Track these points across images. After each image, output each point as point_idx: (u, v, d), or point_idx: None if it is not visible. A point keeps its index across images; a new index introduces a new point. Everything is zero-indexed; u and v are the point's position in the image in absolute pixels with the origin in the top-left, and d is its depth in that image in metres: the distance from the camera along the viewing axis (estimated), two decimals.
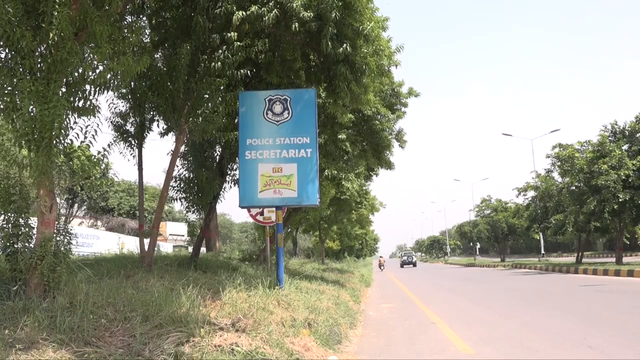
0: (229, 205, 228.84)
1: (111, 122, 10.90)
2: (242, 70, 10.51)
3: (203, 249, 19.04)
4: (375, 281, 31.65)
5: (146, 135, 11.04)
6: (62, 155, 6.79)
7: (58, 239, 6.64)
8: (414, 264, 73.81)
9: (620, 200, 26.38)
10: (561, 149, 31.11)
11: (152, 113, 10.84)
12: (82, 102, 6.92)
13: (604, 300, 13.91)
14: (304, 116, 10.70)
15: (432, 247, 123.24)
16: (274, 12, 9.70)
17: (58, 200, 7.87)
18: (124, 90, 10.23)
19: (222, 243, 41.49)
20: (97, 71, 7.04)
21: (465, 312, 12.81)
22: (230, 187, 14.10)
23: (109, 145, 8.99)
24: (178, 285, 7.77)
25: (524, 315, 11.46)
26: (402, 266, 72.56)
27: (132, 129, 10.89)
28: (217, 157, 13.72)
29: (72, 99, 6.72)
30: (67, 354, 4.93)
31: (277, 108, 10.67)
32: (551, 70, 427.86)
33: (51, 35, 6.14)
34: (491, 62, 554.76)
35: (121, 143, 10.72)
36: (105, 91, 7.33)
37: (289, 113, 10.66)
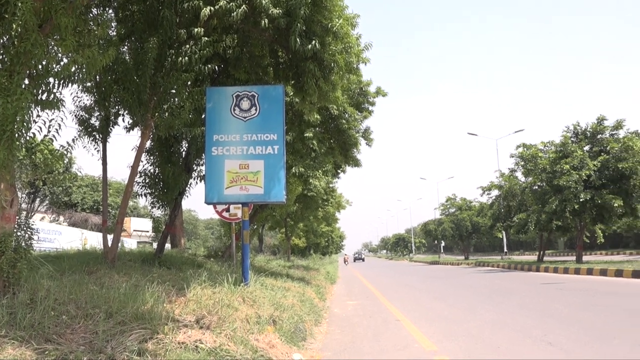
0: (195, 202, 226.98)
1: (75, 116, 10.71)
2: (209, 66, 10.44)
3: (168, 246, 18.88)
4: (341, 278, 31.77)
5: (111, 129, 10.87)
6: (24, 149, 6.68)
7: (19, 234, 6.51)
8: (363, 259, 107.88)
9: (581, 200, 26.92)
10: (525, 149, 31.66)
11: (117, 107, 10.68)
12: (45, 95, 6.79)
13: (564, 297, 14.19)
14: (272, 113, 10.69)
15: (398, 245, 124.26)
16: (242, 7, 9.66)
17: (19, 194, 7.71)
18: (89, 84, 10.06)
19: (188, 239, 41.18)
20: (62, 64, 6.91)
21: (429, 309, 12.94)
22: (196, 183, 14.01)
23: (73, 140, 8.86)
24: (142, 282, 7.69)
25: (487, 313, 11.63)
26: (354, 260, 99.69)
27: (96, 123, 10.72)
28: (184, 152, 13.61)
29: (35, 91, 6.59)
30: (27, 351, 4.85)
31: (245, 104, 10.64)
32: (516, 70, 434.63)
33: (14, 26, 6.01)
34: (458, 61, 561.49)
35: (85, 137, 10.54)
36: (70, 84, 7.20)
37: (256, 109, 10.63)
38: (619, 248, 59.44)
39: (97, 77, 9.99)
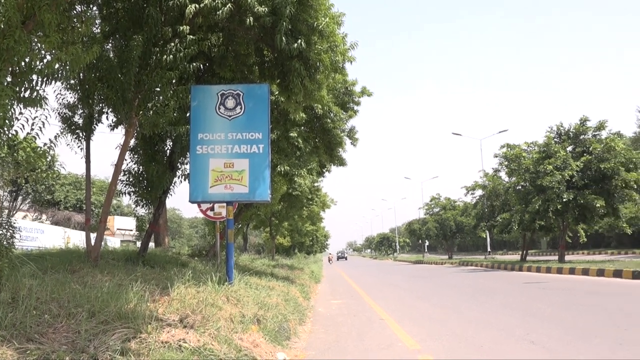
0: (179, 200, 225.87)
1: (59, 113, 10.63)
2: (194, 64, 10.40)
3: (152, 244, 18.79)
4: (325, 277, 31.80)
5: (95, 127, 10.80)
6: (6, 147, 6.61)
7: (0, 232, 6.45)
8: (345, 258, 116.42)
9: (564, 200, 27.14)
10: (509, 149, 31.85)
11: (101, 105, 10.61)
12: (28, 92, 6.74)
13: (547, 297, 14.31)
14: (257, 112, 10.67)
15: (382, 245, 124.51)
16: (228, 5, 9.63)
17: (1, 192, 7.64)
18: (72, 81, 9.98)
19: (172, 238, 41.03)
20: (45, 61, 6.86)
21: (413, 309, 12.99)
22: (181, 181, 13.94)
23: (55, 137, 8.79)
24: (125, 281, 7.66)
25: (470, 312, 11.70)
26: (337, 259, 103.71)
27: (80, 121, 10.64)
28: (168, 151, 13.54)
29: (18, 88, 6.53)
30: (8, 350, 4.80)
31: (230, 103, 10.61)
32: (500, 71, 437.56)
33: None
34: (443, 61, 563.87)
35: (69, 135, 10.46)
36: (53, 82, 7.14)
37: (241, 108, 10.61)
38: (600, 248, 60.03)
39: (81, 74, 9.91)
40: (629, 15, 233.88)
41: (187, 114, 11.70)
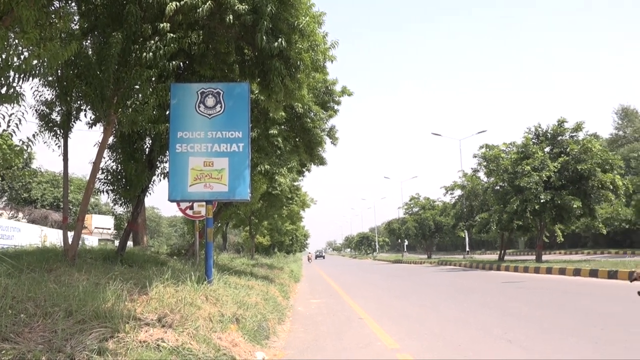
0: (158, 199, 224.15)
1: (36, 110, 10.49)
2: (174, 62, 10.32)
3: (130, 243, 18.63)
4: (305, 276, 31.81)
5: (73, 125, 10.68)
6: None
7: None
8: (323, 257, 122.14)
9: (541, 200, 27.44)
10: (487, 150, 32.14)
11: (79, 102, 10.49)
12: (5, 89, 6.65)
13: (524, 296, 14.46)
14: (237, 110, 10.62)
15: (361, 244, 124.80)
16: (208, 3, 9.58)
17: None
18: (50, 78, 9.85)
19: (150, 237, 40.77)
20: (23, 57, 6.78)
21: (392, 308, 13.06)
22: (160, 180, 13.82)
23: (33, 136, 8.69)
24: (103, 280, 7.59)
25: (448, 311, 11.79)
26: (316, 258, 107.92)
27: (58, 118, 10.51)
28: (147, 149, 13.43)
29: None
30: None
31: (210, 101, 10.56)
32: (480, 72, 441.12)
33: None
34: (423, 62, 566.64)
35: (46, 132, 10.34)
36: (31, 78, 7.07)
37: (221, 107, 10.56)
38: (577, 248, 60.75)
39: (59, 71, 9.79)
40: (607, 18, 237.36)
41: (167, 112, 11.61)
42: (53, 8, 8.34)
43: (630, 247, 52.29)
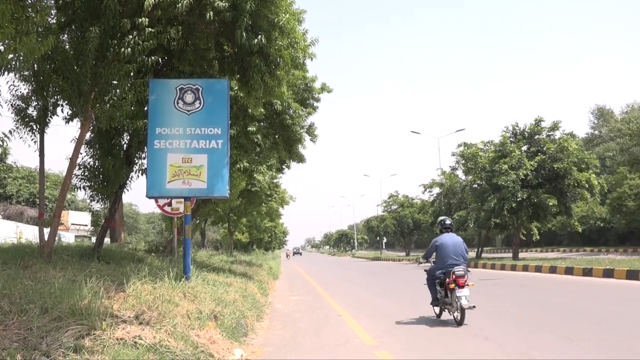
0: (136, 195, 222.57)
1: (12, 105, 10.36)
2: (153, 57, 10.24)
3: (107, 240, 18.50)
4: (284, 273, 31.84)
5: (49, 120, 10.56)
6: None
7: None
8: (300, 254, 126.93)
9: (518, 199, 27.70)
10: (465, 148, 32.38)
11: (56, 97, 10.37)
12: None
13: (501, 293, 14.61)
14: (216, 107, 10.58)
15: (340, 241, 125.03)
16: None
17: None
18: (26, 72, 9.73)
19: (128, 234, 40.42)
20: None
21: (370, 305, 13.11)
22: (138, 176, 13.73)
23: (10, 132, 8.58)
24: (80, 277, 7.52)
25: (426, 308, 11.86)
26: (293, 255, 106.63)
27: (34, 113, 10.39)
28: (125, 145, 13.32)
29: None
30: None
31: (189, 97, 10.50)
32: (459, 70, 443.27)
33: None
34: (403, 61, 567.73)
35: (22, 127, 10.21)
36: (6, 72, 6.98)
37: (200, 103, 10.50)
38: (553, 245, 61.41)
39: (35, 65, 9.67)
40: (585, 19, 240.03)
41: (145, 108, 11.53)
42: (30, 2, 8.21)
43: (604, 245, 53.05)
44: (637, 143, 52.84)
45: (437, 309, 10.24)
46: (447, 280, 9.53)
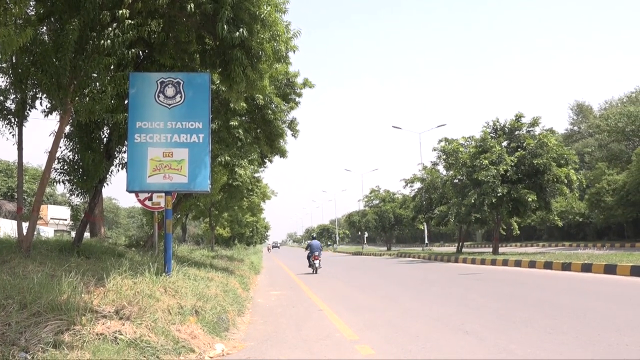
0: (116, 189, 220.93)
1: None
2: (133, 50, 10.16)
3: (87, 235, 18.32)
4: (265, 268, 31.79)
5: (28, 113, 10.43)
6: None
7: None
8: (278, 247, 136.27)
9: (498, 194, 27.89)
10: (447, 143, 32.55)
11: (35, 90, 10.24)
12: None
13: (481, 288, 14.72)
14: (197, 101, 10.51)
15: (322, 236, 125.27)
16: None
17: None
18: (4, 65, 9.61)
19: (108, 228, 40.16)
20: None
21: (351, 299, 13.14)
22: (118, 170, 13.63)
23: None
24: (59, 272, 7.45)
25: (407, 302, 11.93)
26: (272, 248, 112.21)
27: (12, 106, 10.26)
28: (105, 139, 13.21)
29: None
30: None
31: (169, 91, 10.42)
32: (440, 66, 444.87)
33: None
34: (385, 56, 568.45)
35: (0, 121, 10.08)
36: None
37: (181, 97, 10.43)
38: (532, 240, 62.10)
39: (13, 57, 9.55)
40: (564, 15, 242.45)
41: (125, 102, 11.43)
42: None
43: (583, 239, 53.78)
44: (615, 139, 53.71)
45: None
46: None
